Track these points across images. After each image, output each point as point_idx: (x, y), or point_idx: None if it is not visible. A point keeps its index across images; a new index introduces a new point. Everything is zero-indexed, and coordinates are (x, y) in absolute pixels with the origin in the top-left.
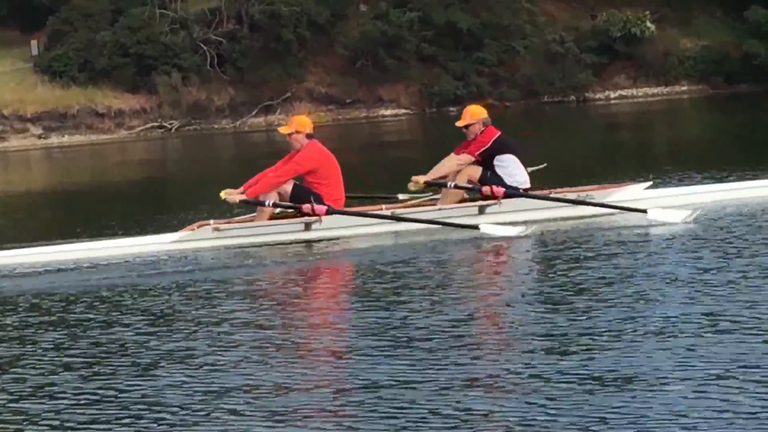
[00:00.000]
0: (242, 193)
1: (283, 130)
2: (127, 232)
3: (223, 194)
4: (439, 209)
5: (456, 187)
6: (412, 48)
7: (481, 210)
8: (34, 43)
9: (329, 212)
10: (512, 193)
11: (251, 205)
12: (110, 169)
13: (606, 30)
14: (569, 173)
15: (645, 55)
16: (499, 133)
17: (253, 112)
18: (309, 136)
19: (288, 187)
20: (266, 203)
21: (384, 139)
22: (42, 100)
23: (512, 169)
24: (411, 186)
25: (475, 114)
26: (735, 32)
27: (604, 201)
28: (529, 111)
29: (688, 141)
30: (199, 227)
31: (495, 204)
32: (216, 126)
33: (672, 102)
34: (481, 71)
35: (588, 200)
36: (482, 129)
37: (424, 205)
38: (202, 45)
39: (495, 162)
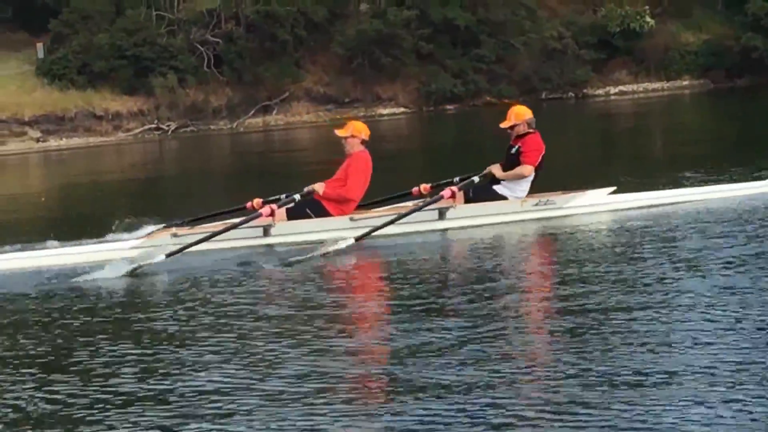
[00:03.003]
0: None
1: (339, 132)
2: (114, 236)
3: (316, 185)
4: (398, 213)
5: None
6: (409, 46)
7: (441, 215)
8: (39, 45)
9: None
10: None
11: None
12: (106, 171)
13: (605, 25)
14: (550, 176)
15: (645, 49)
16: (544, 147)
17: (251, 113)
18: (364, 143)
19: (282, 213)
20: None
21: (379, 140)
22: (40, 103)
23: (522, 180)
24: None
25: (519, 115)
26: (735, 25)
27: (564, 206)
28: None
29: (681, 139)
30: (159, 233)
31: (453, 208)
32: (213, 127)
33: (673, 97)
34: (479, 69)
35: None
36: (529, 131)
37: (387, 213)
38: (199, 46)
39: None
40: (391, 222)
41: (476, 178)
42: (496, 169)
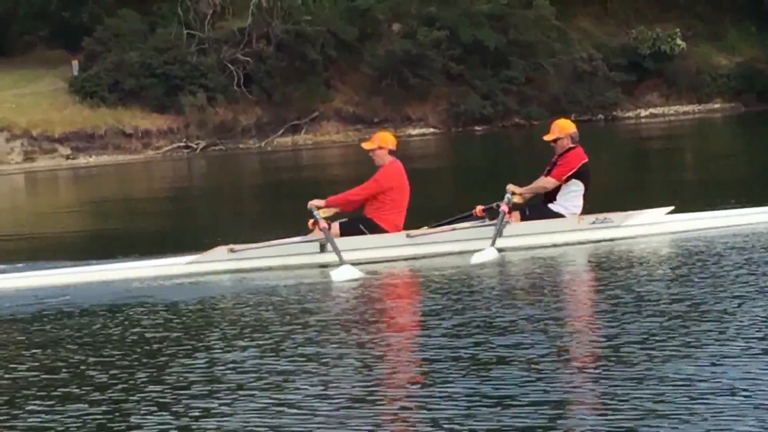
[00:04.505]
0: (326, 206)
1: (366, 145)
2: (151, 253)
3: (309, 204)
4: (453, 229)
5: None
6: (438, 67)
7: (498, 233)
8: (75, 63)
9: (324, 231)
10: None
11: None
12: (136, 189)
13: (635, 47)
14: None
15: (676, 72)
16: (586, 160)
17: (280, 132)
18: (392, 153)
19: (335, 228)
20: (312, 213)
21: (411, 159)
22: (71, 121)
23: (573, 196)
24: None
25: (563, 128)
26: (767, 48)
27: (622, 225)
28: None
29: (720, 162)
30: (214, 248)
31: (509, 225)
32: (242, 146)
33: (704, 120)
34: (509, 90)
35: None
36: (570, 146)
37: (442, 231)
38: (229, 65)
39: (565, 184)
40: (503, 227)
41: (508, 196)
42: (512, 187)
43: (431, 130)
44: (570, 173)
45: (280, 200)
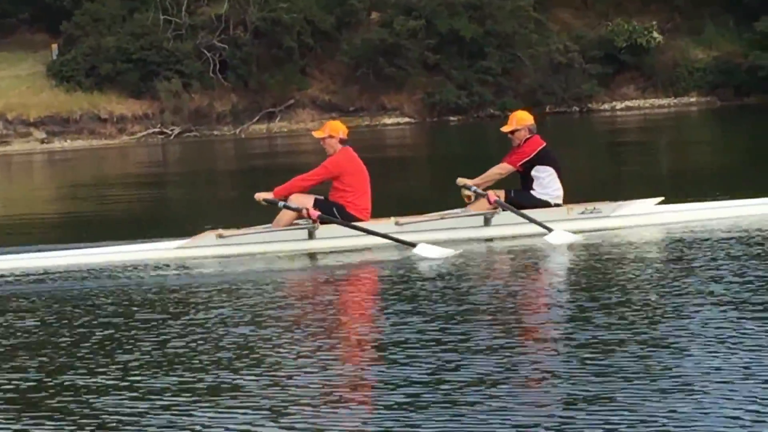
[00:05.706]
0: (275, 196)
1: (316, 134)
2: (132, 238)
3: (256, 196)
4: (441, 218)
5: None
6: (414, 56)
7: (486, 221)
8: (54, 47)
9: (321, 219)
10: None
11: (272, 205)
12: (112, 173)
13: (611, 40)
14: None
15: (653, 65)
16: (543, 144)
17: (255, 119)
18: (342, 142)
19: (309, 202)
20: (278, 205)
21: (385, 148)
22: (47, 105)
23: (548, 181)
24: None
25: (521, 120)
26: (744, 43)
27: (611, 215)
28: None
29: (698, 154)
30: (203, 234)
31: (498, 214)
32: (216, 132)
33: (680, 114)
34: (485, 81)
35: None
36: (528, 136)
37: (432, 219)
38: (206, 52)
39: (533, 172)
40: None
41: (474, 188)
42: (462, 180)
43: (406, 119)
44: (525, 159)
45: (257, 187)
